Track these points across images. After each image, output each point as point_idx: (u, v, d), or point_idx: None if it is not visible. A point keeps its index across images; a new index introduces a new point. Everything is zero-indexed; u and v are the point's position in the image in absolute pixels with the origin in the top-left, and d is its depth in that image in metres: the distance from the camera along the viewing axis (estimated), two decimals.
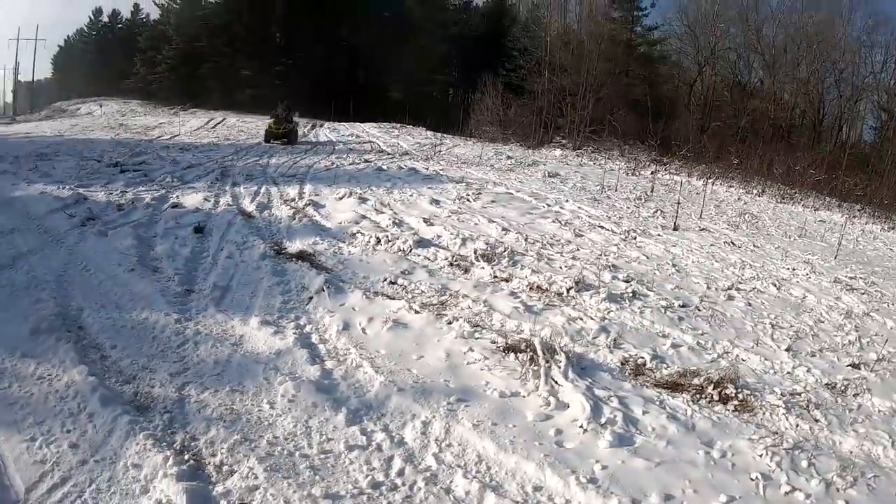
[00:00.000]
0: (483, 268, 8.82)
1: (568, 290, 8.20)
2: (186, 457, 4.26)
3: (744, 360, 7.08)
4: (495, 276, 8.55)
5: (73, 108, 54.30)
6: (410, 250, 9.40)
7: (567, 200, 16.28)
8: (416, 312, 6.89)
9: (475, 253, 9.35)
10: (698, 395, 5.90)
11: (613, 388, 5.73)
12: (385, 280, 8.11)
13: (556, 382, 5.56)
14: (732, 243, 14.27)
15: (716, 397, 5.88)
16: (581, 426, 4.99)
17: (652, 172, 27.52)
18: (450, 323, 6.66)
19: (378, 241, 9.67)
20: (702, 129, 41.19)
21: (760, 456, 4.97)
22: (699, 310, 8.53)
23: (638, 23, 48.78)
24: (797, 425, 5.69)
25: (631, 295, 8.49)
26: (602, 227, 13.26)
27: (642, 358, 6.53)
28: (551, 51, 41.19)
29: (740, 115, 42.39)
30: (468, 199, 14.22)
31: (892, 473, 5.21)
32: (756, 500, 4.47)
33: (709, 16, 43.80)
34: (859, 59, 41.92)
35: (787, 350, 7.63)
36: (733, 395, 5.96)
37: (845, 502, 4.65)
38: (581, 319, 7.29)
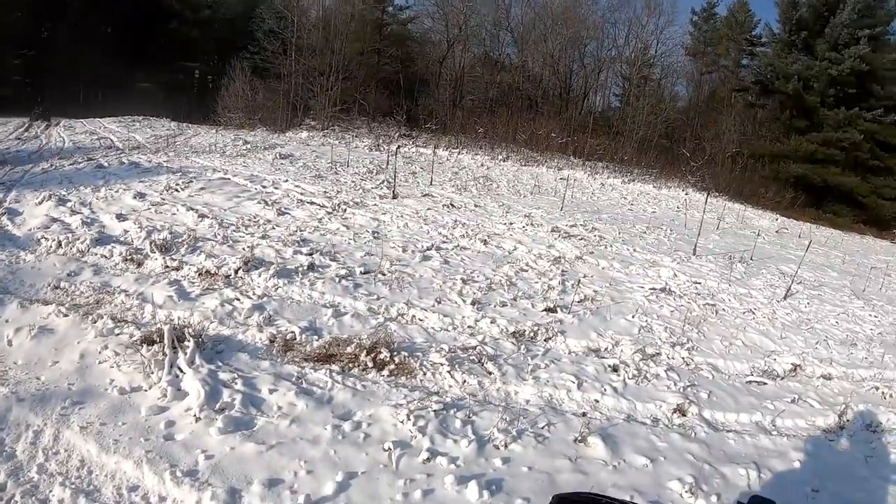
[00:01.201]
0: (156, 259, 8.78)
1: (236, 272, 8.38)
2: None
3: (420, 320, 7.41)
4: (167, 266, 8.56)
5: None
6: (88, 250, 9.19)
7: (286, 181, 16.47)
8: (65, 315, 6.76)
9: (152, 244, 9.28)
10: (351, 364, 6.02)
11: (247, 368, 5.82)
12: (49, 285, 7.90)
13: (181, 370, 5.57)
14: (452, 205, 15.09)
15: (370, 364, 6.01)
16: (194, 415, 5.01)
17: (397, 147, 28.24)
18: (94, 322, 6.59)
19: (59, 244, 9.35)
20: (453, 102, 42.80)
21: (402, 422, 5.08)
22: (383, 274, 8.89)
23: (389, 3, 49.75)
24: (463, 382, 5.91)
25: (306, 268, 8.75)
26: (313, 203, 13.56)
27: (292, 332, 6.67)
28: (299, 32, 41.04)
29: (490, 89, 44.49)
30: (176, 189, 13.99)
31: (573, 418, 5.47)
32: (383, 474, 4.54)
33: None
34: (603, 35, 47.10)
35: (473, 304, 8.02)
36: (388, 359, 6.10)
37: (502, 460, 4.79)
38: (238, 300, 7.43)
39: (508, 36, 49.08)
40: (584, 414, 5.65)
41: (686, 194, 26.58)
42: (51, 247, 9.38)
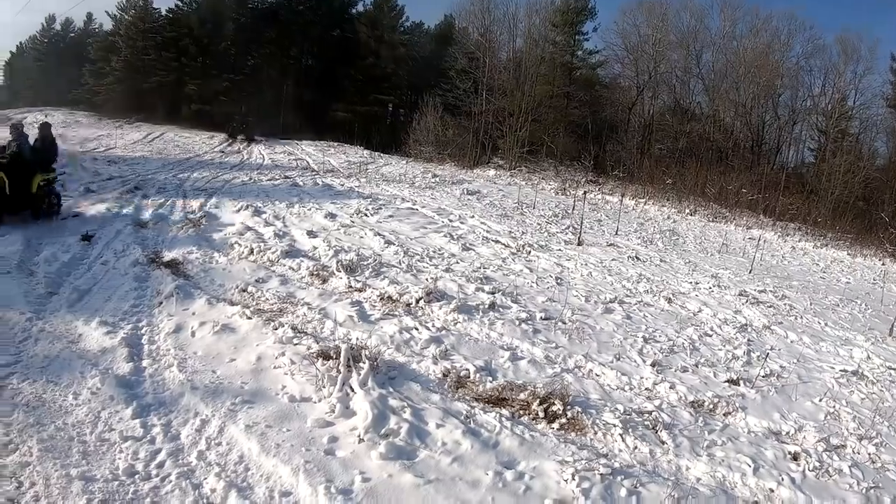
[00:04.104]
0: (342, 278, 8.83)
1: (417, 301, 8.20)
2: None
3: (597, 376, 6.86)
4: (350, 287, 8.56)
5: (20, 116, 53.27)
6: (278, 260, 9.44)
7: (472, 217, 16.41)
8: (248, 318, 6.91)
9: (339, 264, 9.34)
10: (522, 412, 5.67)
11: (417, 399, 5.60)
12: (237, 287, 8.12)
13: (353, 390, 5.48)
14: (637, 258, 14.30)
15: (541, 414, 5.63)
16: (358, 436, 4.87)
17: (584, 192, 27.57)
18: (276, 329, 6.66)
19: (251, 251, 9.70)
20: (641, 150, 41.75)
21: (566, 481, 4.64)
22: (563, 323, 8.36)
23: (579, 47, 49.44)
24: (634, 448, 5.39)
25: (487, 307, 8.38)
26: (497, 242, 13.29)
27: (466, 370, 6.36)
28: (490, 72, 41.60)
29: (680, 138, 43.02)
30: (366, 214, 14.28)
31: None
32: None
33: (649, 41, 44.44)
34: (797, 84, 43.20)
35: (653, 365, 7.36)
36: (560, 412, 5.68)
37: None
38: (416, 330, 7.26)
39: (699, 84, 46.88)
40: (756, 503, 4.96)
41: (883, 265, 24.18)
42: (243, 252, 9.75)
